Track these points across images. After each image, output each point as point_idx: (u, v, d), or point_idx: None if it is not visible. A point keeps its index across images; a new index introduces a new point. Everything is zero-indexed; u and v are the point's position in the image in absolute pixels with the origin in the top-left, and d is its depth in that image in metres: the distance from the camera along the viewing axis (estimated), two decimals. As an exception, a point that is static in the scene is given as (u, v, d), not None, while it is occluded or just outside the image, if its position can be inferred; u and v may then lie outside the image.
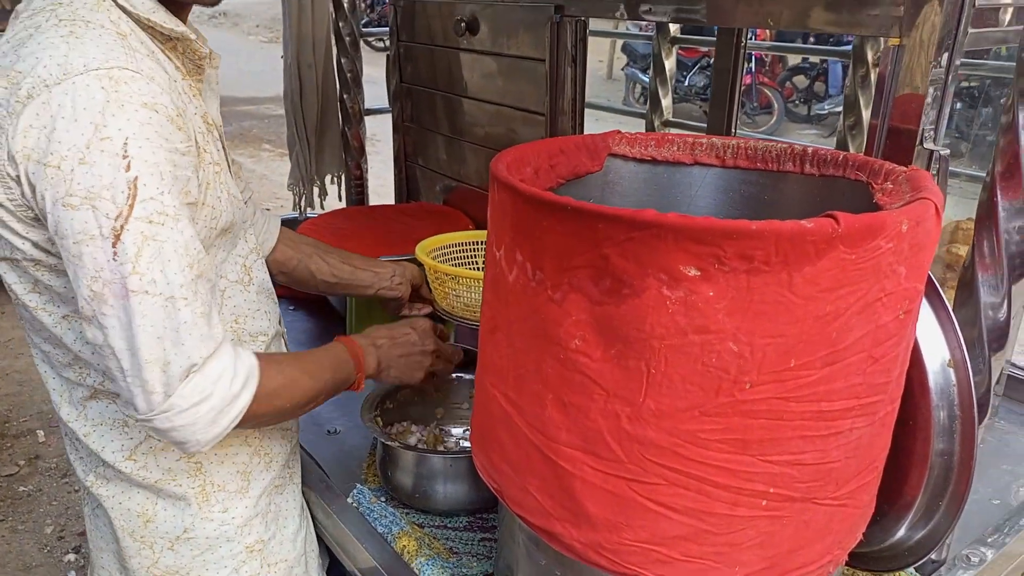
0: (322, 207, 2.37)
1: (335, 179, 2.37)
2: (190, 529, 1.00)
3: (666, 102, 2.15)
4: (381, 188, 2.44)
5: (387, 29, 2.18)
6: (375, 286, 1.35)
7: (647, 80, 8.81)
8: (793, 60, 8.69)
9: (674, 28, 2.23)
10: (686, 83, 8.45)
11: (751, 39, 1.90)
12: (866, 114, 1.74)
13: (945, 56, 0.89)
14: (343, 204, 2.41)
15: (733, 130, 1.72)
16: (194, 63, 0.94)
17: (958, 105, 6.85)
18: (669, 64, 2.16)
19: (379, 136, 2.35)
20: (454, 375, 1.33)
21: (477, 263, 1.52)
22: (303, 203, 2.37)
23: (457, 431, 1.34)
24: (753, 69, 8.08)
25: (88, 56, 0.78)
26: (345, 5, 2.20)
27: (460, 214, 1.98)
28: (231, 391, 0.85)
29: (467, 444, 1.31)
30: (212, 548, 1.02)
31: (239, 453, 1.03)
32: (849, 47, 1.93)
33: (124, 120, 0.77)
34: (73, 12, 0.82)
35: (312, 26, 2.14)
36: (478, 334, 1.45)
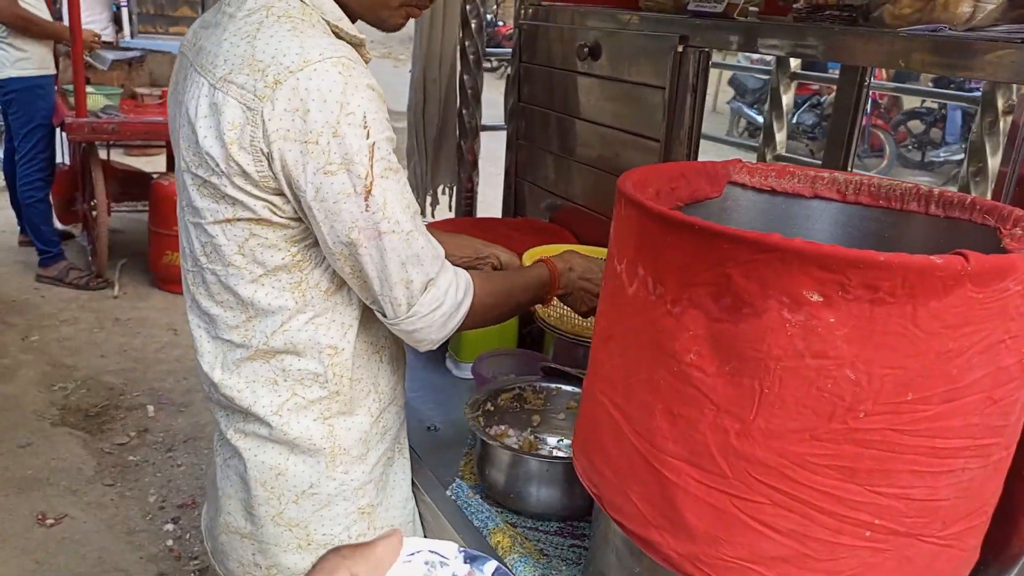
0: (433, 215, 2.47)
1: (447, 190, 2.46)
2: (315, 485, 1.10)
3: (780, 136, 2.14)
4: (482, 203, 2.54)
5: (497, 50, 2.26)
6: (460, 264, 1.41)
7: (753, 115, 8.70)
8: (909, 104, 8.39)
9: (794, 64, 2.22)
10: (794, 120, 8.27)
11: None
12: (992, 161, 1.69)
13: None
14: (452, 214, 2.49)
15: (849, 169, 1.71)
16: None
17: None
18: (787, 99, 2.15)
19: (483, 153, 2.45)
20: (553, 385, 1.37)
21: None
22: (415, 210, 2.47)
23: (552, 440, 1.37)
24: (868, 110, 7.84)
25: (320, 46, 0.93)
26: (472, 26, 2.29)
27: (565, 231, 2.03)
28: (456, 299, 1.05)
29: (560, 453, 1.34)
30: (330, 505, 1.11)
31: (363, 422, 1.12)
32: (974, 93, 1.88)
33: (360, 98, 0.93)
34: (287, 11, 0.97)
35: (441, 44, 2.24)
36: (571, 348, 1.49)
